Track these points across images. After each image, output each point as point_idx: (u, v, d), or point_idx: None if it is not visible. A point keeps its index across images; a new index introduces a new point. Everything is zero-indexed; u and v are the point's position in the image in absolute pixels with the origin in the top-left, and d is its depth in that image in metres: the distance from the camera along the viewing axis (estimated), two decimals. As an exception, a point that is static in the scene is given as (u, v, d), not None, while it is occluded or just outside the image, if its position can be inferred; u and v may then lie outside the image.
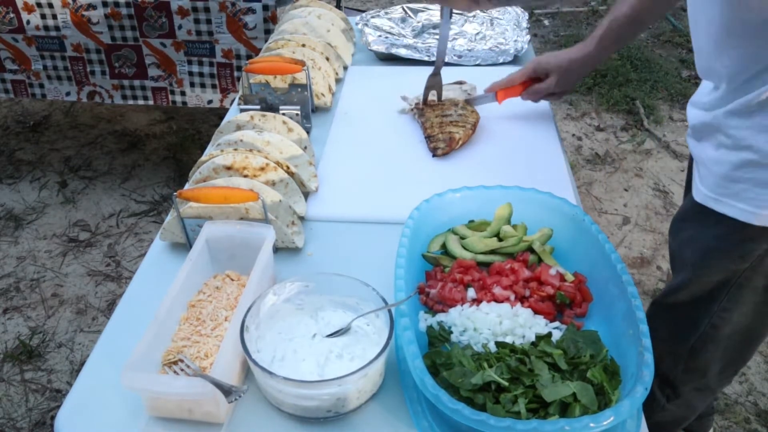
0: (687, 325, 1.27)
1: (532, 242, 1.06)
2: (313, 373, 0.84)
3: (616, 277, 0.91)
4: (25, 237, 2.71)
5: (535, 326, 0.91)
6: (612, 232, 2.73)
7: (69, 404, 0.88)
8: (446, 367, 0.82)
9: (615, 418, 0.72)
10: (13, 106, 3.64)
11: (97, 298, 2.42)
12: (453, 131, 1.39)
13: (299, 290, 0.94)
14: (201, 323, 0.94)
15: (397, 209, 1.16)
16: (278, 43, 1.63)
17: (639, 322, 0.83)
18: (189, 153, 3.21)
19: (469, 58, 1.81)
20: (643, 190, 2.99)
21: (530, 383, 0.79)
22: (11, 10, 2.39)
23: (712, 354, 1.28)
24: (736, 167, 1.05)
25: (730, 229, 1.09)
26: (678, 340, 1.29)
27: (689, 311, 1.25)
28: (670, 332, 1.30)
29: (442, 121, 1.43)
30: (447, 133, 1.39)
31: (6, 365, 2.16)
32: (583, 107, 3.64)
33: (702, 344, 1.26)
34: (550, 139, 1.44)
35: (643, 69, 3.91)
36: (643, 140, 3.33)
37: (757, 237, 1.07)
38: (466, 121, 1.43)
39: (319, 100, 1.55)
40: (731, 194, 1.07)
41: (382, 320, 0.88)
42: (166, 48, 2.44)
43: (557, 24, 4.59)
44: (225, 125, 1.34)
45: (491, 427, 0.71)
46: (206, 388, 0.78)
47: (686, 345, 1.28)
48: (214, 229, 1.03)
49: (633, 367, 0.80)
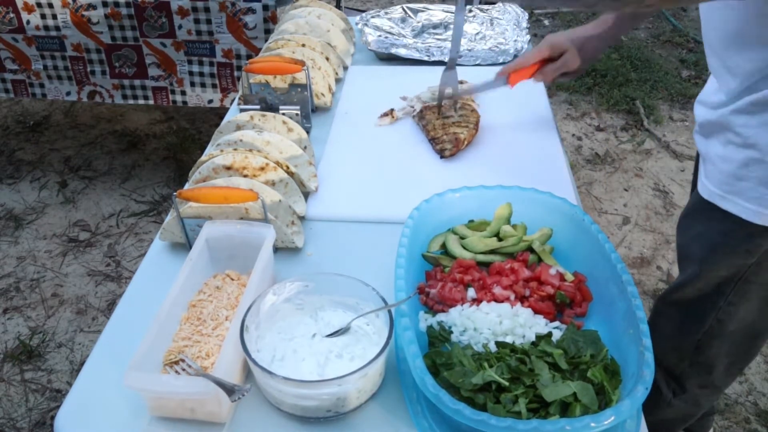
0: (693, 321, 1.27)
1: (532, 242, 1.06)
2: (313, 372, 0.84)
3: (616, 277, 0.91)
4: (25, 237, 2.71)
5: (536, 326, 0.91)
6: (612, 232, 2.73)
7: (69, 404, 0.88)
8: (447, 367, 0.82)
9: (616, 418, 0.72)
10: (13, 106, 3.64)
11: (97, 298, 2.42)
12: (457, 132, 1.39)
13: (299, 290, 0.94)
14: (202, 323, 0.94)
15: (397, 209, 1.16)
16: (278, 43, 1.62)
17: (639, 321, 0.83)
18: (189, 153, 3.21)
19: (469, 58, 1.81)
20: (643, 190, 2.99)
21: (530, 383, 0.79)
22: (11, 10, 2.39)
23: (718, 350, 1.28)
24: (741, 165, 1.05)
25: (736, 225, 1.09)
26: (684, 335, 1.29)
27: (695, 307, 1.26)
28: (676, 328, 1.31)
29: (444, 122, 1.43)
30: (451, 134, 1.39)
31: (6, 365, 2.16)
32: (583, 107, 3.64)
33: (708, 339, 1.27)
34: (550, 139, 1.44)
35: (643, 69, 3.91)
36: (643, 140, 3.33)
37: (762, 233, 1.08)
38: (468, 121, 1.43)
39: (319, 100, 1.55)
40: (736, 192, 1.07)
41: (381, 320, 0.88)
42: (167, 48, 2.44)
43: (557, 24, 4.59)
44: (225, 125, 1.34)
45: (492, 427, 0.71)
46: (209, 387, 0.78)
47: (692, 340, 1.28)
48: (214, 229, 1.03)
49: (633, 367, 0.80)
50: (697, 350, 1.29)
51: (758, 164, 1.03)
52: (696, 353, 1.30)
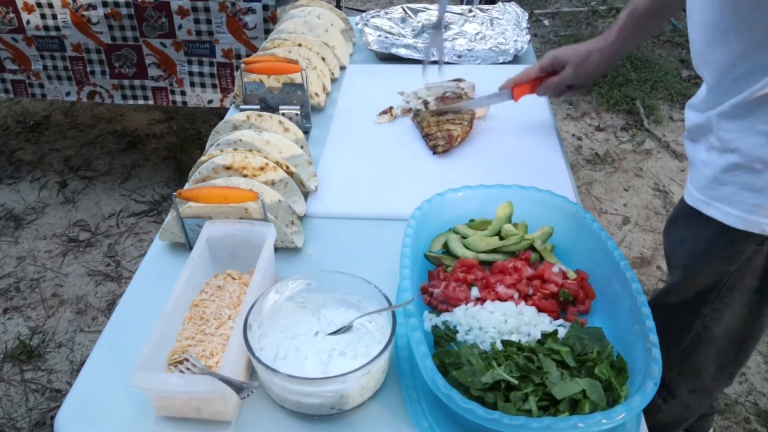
0: (679, 328, 1.26)
1: (534, 240, 1.06)
2: (317, 370, 0.84)
3: (619, 274, 0.91)
4: (25, 237, 2.71)
5: (540, 324, 0.91)
6: (612, 232, 2.73)
7: (69, 404, 0.88)
8: (455, 366, 0.82)
9: (627, 414, 0.72)
10: (13, 106, 3.64)
11: (97, 298, 2.41)
12: (451, 129, 1.40)
13: (301, 288, 0.94)
14: (205, 322, 0.93)
15: (397, 206, 1.16)
16: (274, 43, 1.62)
17: (645, 318, 0.83)
18: (189, 153, 3.21)
19: (469, 58, 1.81)
20: (643, 190, 2.99)
21: (539, 381, 0.78)
22: (11, 10, 2.39)
23: (705, 356, 1.27)
24: (724, 170, 1.05)
25: (718, 231, 1.08)
26: (671, 342, 1.28)
27: (681, 313, 1.25)
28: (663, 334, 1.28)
29: (438, 119, 1.44)
30: (445, 131, 1.39)
31: (6, 365, 2.15)
32: (583, 107, 3.64)
33: (695, 346, 1.26)
34: (549, 139, 1.44)
35: (643, 69, 3.91)
36: (643, 140, 3.32)
37: (744, 239, 1.07)
38: (462, 118, 1.43)
39: (313, 99, 1.55)
40: (719, 197, 1.07)
41: (384, 318, 0.88)
42: (166, 48, 2.44)
43: (557, 24, 4.58)
44: (221, 125, 1.33)
45: (505, 426, 0.71)
46: (217, 385, 0.78)
47: (679, 347, 1.27)
48: (214, 229, 1.02)
49: (639, 363, 0.80)
50: (684, 357, 1.28)
51: (741, 169, 1.02)
52: (683, 360, 1.29)
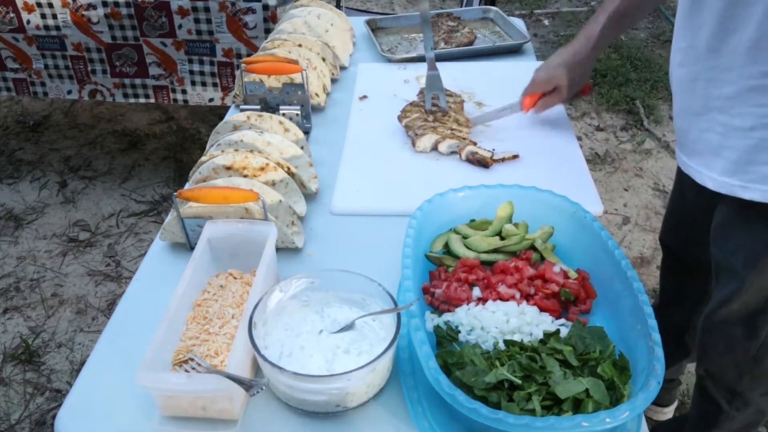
0: (746, 336, 1.23)
1: (534, 240, 1.06)
2: (321, 368, 0.84)
3: (620, 273, 0.91)
4: (25, 237, 2.71)
5: (542, 323, 0.91)
6: (612, 232, 2.73)
7: (69, 404, 0.88)
8: (458, 366, 0.82)
9: (631, 413, 0.72)
10: (13, 106, 3.64)
11: (97, 298, 2.41)
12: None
13: (305, 287, 0.94)
14: (208, 322, 0.93)
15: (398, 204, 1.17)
16: (274, 43, 1.62)
17: (647, 317, 0.82)
18: (189, 153, 3.21)
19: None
20: (643, 190, 2.98)
21: (542, 380, 0.78)
22: (11, 9, 2.39)
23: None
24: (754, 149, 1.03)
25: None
26: (739, 351, 1.25)
27: (746, 321, 1.21)
28: (729, 345, 1.26)
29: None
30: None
31: (6, 365, 2.15)
32: (583, 107, 3.64)
33: (765, 351, 1.23)
34: (566, 139, 1.43)
35: (643, 69, 3.91)
36: (643, 140, 3.32)
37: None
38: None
39: (314, 100, 1.54)
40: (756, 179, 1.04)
41: (388, 316, 0.88)
42: (167, 47, 2.44)
43: (557, 24, 4.58)
44: (221, 125, 1.33)
45: (510, 426, 0.71)
46: (224, 384, 0.78)
47: (749, 355, 1.24)
48: (215, 229, 1.02)
49: (642, 362, 0.80)
50: (756, 364, 1.25)
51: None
52: (755, 366, 1.26)
